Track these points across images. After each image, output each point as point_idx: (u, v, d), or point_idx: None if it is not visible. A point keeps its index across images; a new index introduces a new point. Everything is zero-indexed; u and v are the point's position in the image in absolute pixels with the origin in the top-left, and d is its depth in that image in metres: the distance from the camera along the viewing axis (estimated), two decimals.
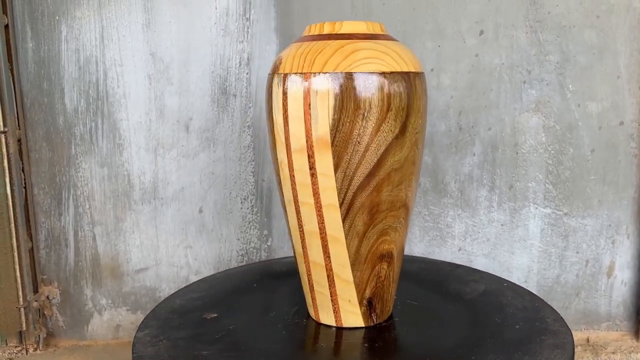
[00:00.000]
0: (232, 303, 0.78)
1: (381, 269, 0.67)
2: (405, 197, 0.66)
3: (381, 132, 0.61)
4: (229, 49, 1.01)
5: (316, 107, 0.60)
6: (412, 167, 0.65)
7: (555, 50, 0.99)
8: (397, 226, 0.66)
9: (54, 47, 1.01)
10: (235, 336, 0.68)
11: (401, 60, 0.63)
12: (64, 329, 1.09)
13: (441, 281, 0.84)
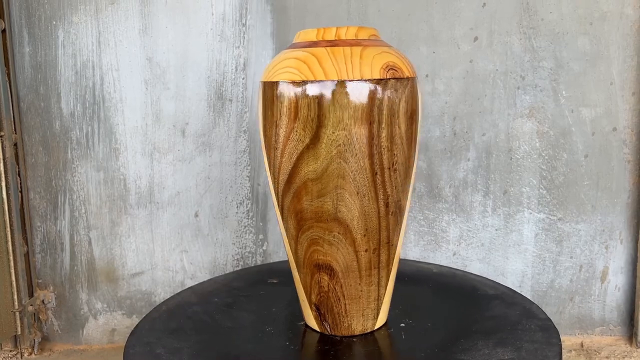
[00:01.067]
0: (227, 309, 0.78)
1: (321, 279, 0.66)
2: (336, 211, 0.62)
3: (291, 141, 0.61)
4: (225, 54, 1.02)
5: (259, 114, 0.66)
6: (339, 181, 0.61)
7: (549, 57, 1.00)
8: (332, 240, 0.64)
9: (50, 51, 1.02)
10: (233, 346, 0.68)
11: (319, 69, 0.60)
12: (59, 333, 1.09)
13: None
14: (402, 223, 0.67)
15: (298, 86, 0.60)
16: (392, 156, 0.62)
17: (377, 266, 0.66)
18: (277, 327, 0.72)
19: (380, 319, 0.70)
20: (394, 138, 0.61)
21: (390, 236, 0.66)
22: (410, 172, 0.66)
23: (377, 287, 0.67)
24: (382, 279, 0.67)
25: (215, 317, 0.74)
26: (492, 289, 0.81)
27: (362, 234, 0.63)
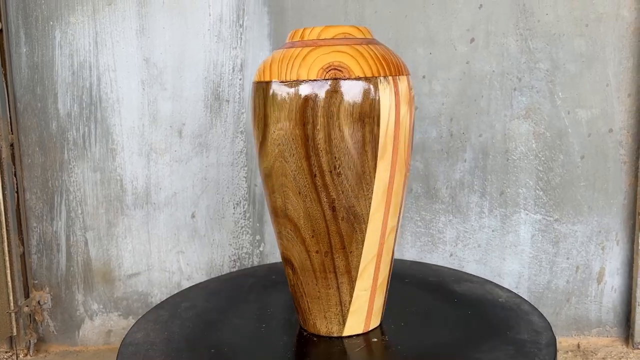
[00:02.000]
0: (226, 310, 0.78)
1: (288, 272, 0.68)
2: (284, 207, 0.63)
3: (254, 138, 0.66)
4: (222, 55, 1.02)
5: None
6: (283, 179, 0.62)
7: (545, 58, 1.00)
8: (288, 236, 0.65)
9: (47, 52, 1.02)
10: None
11: (268, 70, 0.62)
12: (54, 334, 1.09)
13: None
14: (363, 231, 0.63)
15: (255, 87, 0.64)
16: (333, 159, 0.60)
17: (334, 271, 0.64)
18: (273, 323, 0.73)
19: (352, 327, 0.68)
20: (333, 141, 0.60)
21: (346, 243, 0.63)
22: (370, 179, 0.62)
23: (337, 292, 0.66)
24: (344, 285, 0.65)
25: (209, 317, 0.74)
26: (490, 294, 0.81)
27: (310, 235, 0.63)
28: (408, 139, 0.65)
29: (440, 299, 0.79)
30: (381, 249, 0.66)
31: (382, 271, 0.67)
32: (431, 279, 0.85)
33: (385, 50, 0.64)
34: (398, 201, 0.66)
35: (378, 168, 0.62)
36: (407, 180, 0.68)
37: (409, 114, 0.64)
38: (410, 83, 0.65)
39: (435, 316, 0.74)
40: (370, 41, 0.64)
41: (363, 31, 0.65)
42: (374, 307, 0.68)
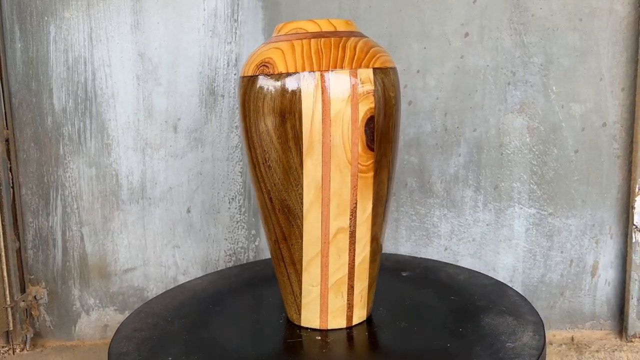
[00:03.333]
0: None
1: None
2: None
3: None
4: (217, 50, 1.02)
5: None
6: (245, 167, 0.68)
7: (539, 53, 1.00)
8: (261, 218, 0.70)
9: (42, 47, 1.02)
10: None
11: (248, 63, 0.65)
12: (51, 329, 1.09)
13: None
14: (300, 226, 0.64)
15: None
16: (264, 152, 0.63)
17: (283, 260, 0.67)
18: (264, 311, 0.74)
19: (307, 320, 0.69)
20: (261, 135, 0.63)
21: (286, 234, 0.65)
22: (298, 174, 0.62)
23: (289, 282, 0.68)
24: (292, 276, 0.67)
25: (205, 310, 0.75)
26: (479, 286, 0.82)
27: (264, 222, 0.68)
28: (356, 137, 0.61)
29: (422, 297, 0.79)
30: (326, 248, 0.65)
31: (336, 272, 0.66)
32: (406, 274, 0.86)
33: (346, 43, 0.62)
34: (345, 202, 0.63)
35: (306, 164, 0.62)
36: (372, 182, 0.64)
37: (359, 110, 0.61)
38: (371, 77, 0.62)
39: (407, 315, 0.74)
40: (338, 34, 0.63)
41: (335, 24, 0.64)
42: (329, 306, 0.67)
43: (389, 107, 0.64)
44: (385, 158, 0.65)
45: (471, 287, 0.81)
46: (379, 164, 0.64)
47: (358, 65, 0.61)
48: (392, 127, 0.65)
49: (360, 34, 0.68)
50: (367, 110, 0.61)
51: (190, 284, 0.87)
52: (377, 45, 0.68)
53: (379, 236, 0.69)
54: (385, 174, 0.66)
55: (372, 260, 0.68)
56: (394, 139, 0.67)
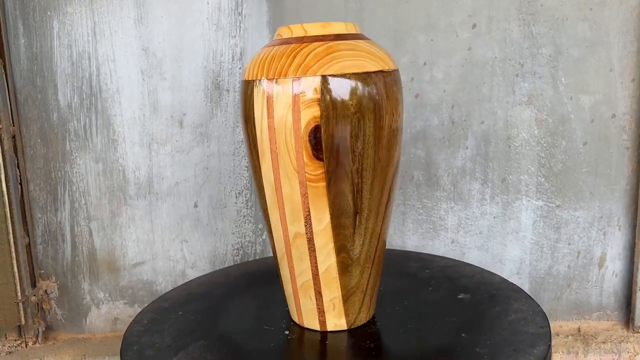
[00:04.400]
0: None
1: None
2: None
3: None
4: (221, 43, 1.01)
5: None
6: None
7: (548, 43, 0.99)
8: None
9: (46, 42, 1.01)
10: None
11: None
12: (62, 322, 1.11)
13: None
14: (269, 225, 0.68)
15: None
16: (247, 152, 0.71)
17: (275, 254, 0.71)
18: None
19: (292, 313, 0.72)
20: (243, 136, 0.69)
21: (268, 230, 0.70)
22: (258, 176, 0.66)
23: (280, 276, 0.71)
24: (278, 271, 0.71)
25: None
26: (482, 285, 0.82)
27: None
28: (300, 146, 0.60)
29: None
30: (289, 250, 0.65)
31: (301, 275, 0.66)
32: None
33: (301, 50, 0.61)
34: (298, 209, 0.63)
35: (262, 167, 0.65)
36: (325, 192, 0.62)
37: (302, 119, 0.59)
38: (317, 86, 0.59)
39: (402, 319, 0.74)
40: (307, 39, 0.62)
41: (308, 28, 0.62)
42: (301, 306, 0.69)
43: (344, 116, 0.59)
44: (342, 169, 0.61)
45: (477, 286, 0.81)
46: (333, 175, 0.61)
47: (303, 73, 0.59)
48: (352, 136, 0.60)
49: (341, 36, 0.63)
50: (311, 119, 0.59)
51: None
52: (356, 50, 0.62)
53: (353, 249, 0.65)
54: (348, 186, 0.61)
55: (342, 271, 0.65)
56: (357, 148, 0.61)
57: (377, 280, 0.70)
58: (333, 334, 0.69)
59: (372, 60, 0.62)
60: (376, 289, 0.70)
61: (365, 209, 0.63)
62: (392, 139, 0.63)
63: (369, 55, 0.62)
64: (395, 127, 0.64)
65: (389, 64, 0.64)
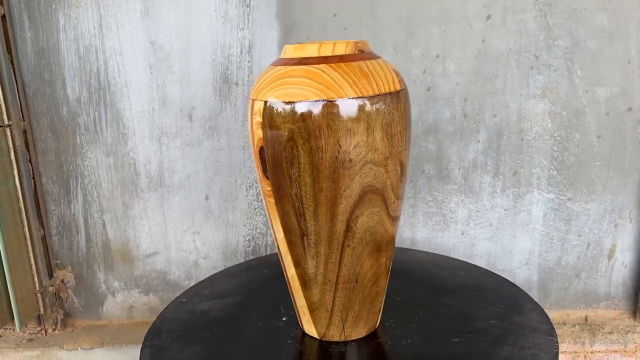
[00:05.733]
0: None
1: None
2: None
3: None
4: (229, 36, 0.99)
5: None
6: None
7: (565, 35, 0.96)
8: None
9: (52, 36, 1.00)
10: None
11: None
12: (80, 310, 1.14)
13: None
14: None
15: None
16: None
17: None
18: None
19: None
20: None
21: None
22: None
23: None
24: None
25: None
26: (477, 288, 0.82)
27: None
28: (257, 162, 0.64)
29: None
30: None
31: (287, 274, 0.69)
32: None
33: (267, 73, 0.63)
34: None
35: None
36: (276, 208, 0.64)
37: (254, 138, 0.63)
38: (261, 110, 0.60)
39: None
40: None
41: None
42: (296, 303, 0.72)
43: (279, 142, 0.60)
44: (283, 190, 0.61)
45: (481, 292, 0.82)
46: (277, 194, 0.62)
47: (255, 96, 0.62)
48: (287, 162, 0.60)
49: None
50: (258, 140, 0.62)
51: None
52: (312, 77, 0.59)
53: (307, 268, 0.65)
54: (291, 208, 0.62)
55: (302, 285, 0.66)
56: (293, 174, 0.60)
57: (354, 304, 0.67)
58: (308, 337, 0.72)
59: (319, 89, 0.58)
60: (361, 312, 0.68)
61: (312, 233, 0.62)
62: (340, 171, 0.59)
63: (321, 84, 0.58)
64: (347, 159, 0.59)
65: (348, 92, 0.58)
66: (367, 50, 0.63)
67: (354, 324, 0.69)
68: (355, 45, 0.62)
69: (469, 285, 0.83)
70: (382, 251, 0.66)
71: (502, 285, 0.83)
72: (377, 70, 0.60)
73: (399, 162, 0.62)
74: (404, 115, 0.62)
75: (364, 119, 0.58)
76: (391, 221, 0.65)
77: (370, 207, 0.62)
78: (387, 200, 0.63)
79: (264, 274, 0.91)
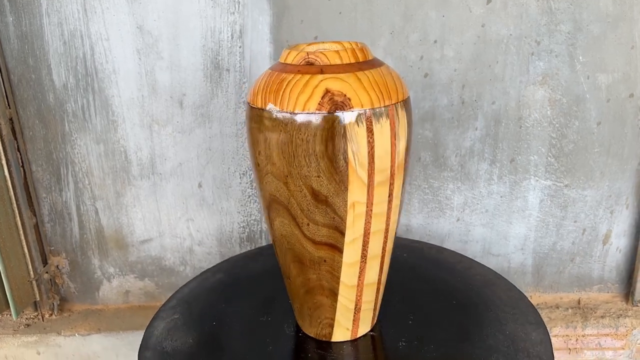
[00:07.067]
0: None
1: None
2: None
3: None
4: (219, 20, 0.95)
5: (399, 136, 0.59)
6: None
7: (568, 20, 0.93)
8: None
9: (35, 21, 0.96)
10: None
11: None
12: (76, 294, 1.14)
13: None
14: None
15: None
16: None
17: None
18: None
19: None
20: None
21: None
22: None
23: None
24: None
25: None
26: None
27: None
28: None
29: None
30: None
31: None
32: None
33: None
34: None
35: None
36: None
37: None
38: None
39: None
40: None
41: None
42: None
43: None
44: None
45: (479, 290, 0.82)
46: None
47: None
48: None
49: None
50: None
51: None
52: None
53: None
54: None
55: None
56: None
57: (296, 302, 0.70)
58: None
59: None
60: (303, 312, 0.70)
61: None
62: (255, 170, 0.63)
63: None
64: (255, 162, 0.62)
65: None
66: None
67: (307, 325, 0.71)
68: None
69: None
70: (308, 267, 0.63)
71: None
72: None
73: (306, 185, 0.58)
74: (312, 141, 0.56)
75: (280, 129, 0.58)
76: (310, 243, 0.61)
77: (278, 217, 0.62)
78: (296, 219, 0.60)
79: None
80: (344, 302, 0.66)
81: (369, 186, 0.58)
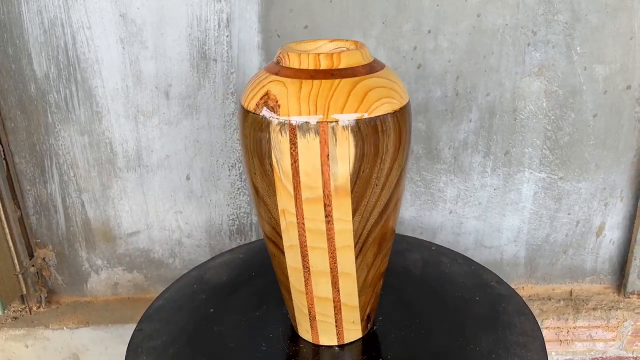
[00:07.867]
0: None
1: (379, 284, 0.68)
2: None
3: (394, 170, 0.59)
4: (205, 9, 0.92)
5: (335, 157, 0.55)
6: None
7: (565, 9, 0.90)
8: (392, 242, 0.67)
9: (13, 8, 0.92)
10: None
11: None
12: (64, 286, 1.12)
13: None
14: None
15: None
16: None
17: None
18: None
19: None
20: None
21: None
22: None
23: None
24: None
25: None
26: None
27: None
28: None
29: None
30: None
31: None
32: None
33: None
34: None
35: None
36: None
37: None
38: None
39: None
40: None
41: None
42: None
43: None
44: None
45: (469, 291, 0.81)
46: None
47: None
48: None
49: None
50: None
51: None
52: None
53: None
54: None
55: None
56: None
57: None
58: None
59: None
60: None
61: None
62: None
63: None
64: None
65: None
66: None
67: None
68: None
69: None
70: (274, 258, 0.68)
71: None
72: None
73: (250, 180, 0.63)
74: None
75: None
76: (268, 234, 0.66)
77: None
78: (259, 209, 0.65)
79: None
80: (297, 304, 0.67)
81: (296, 198, 0.57)
